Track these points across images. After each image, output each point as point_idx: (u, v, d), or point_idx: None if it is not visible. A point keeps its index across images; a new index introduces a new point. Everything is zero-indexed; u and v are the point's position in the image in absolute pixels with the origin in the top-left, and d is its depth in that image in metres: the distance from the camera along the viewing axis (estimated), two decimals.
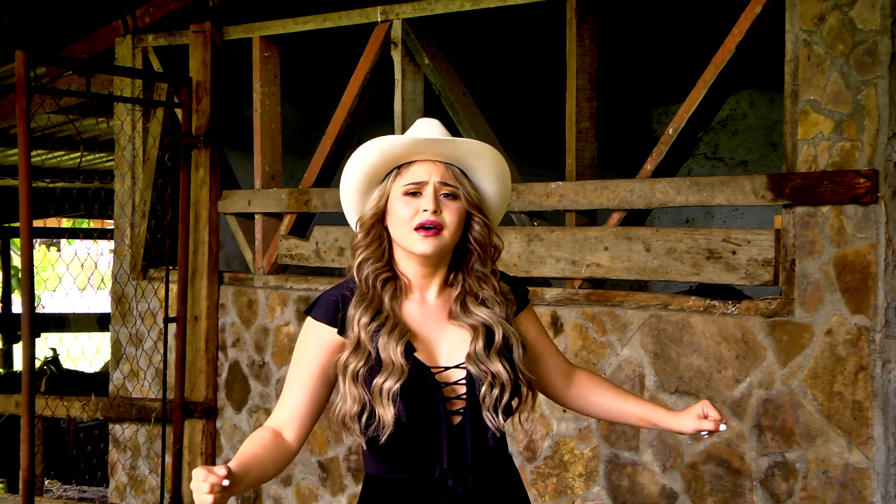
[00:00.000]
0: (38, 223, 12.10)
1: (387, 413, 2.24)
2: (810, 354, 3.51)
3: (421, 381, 2.28)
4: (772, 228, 3.65)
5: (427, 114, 4.91)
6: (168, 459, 5.69)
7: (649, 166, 4.08)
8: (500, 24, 5.75)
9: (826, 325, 3.47)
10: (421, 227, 2.29)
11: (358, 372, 2.27)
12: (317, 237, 5.25)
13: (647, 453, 3.96)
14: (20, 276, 5.04)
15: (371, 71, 5.05)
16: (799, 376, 3.54)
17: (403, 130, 4.85)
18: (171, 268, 5.71)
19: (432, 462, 2.30)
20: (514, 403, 2.39)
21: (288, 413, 2.34)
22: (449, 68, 4.80)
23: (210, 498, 2.02)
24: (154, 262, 6.18)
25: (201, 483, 2.03)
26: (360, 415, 2.28)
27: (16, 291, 13.07)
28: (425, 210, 2.29)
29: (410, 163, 2.34)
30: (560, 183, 4.28)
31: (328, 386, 2.36)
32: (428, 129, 2.38)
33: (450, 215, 2.32)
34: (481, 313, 2.35)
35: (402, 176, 2.34)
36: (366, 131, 6.79)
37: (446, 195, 2.32)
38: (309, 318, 2.38)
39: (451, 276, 2.41)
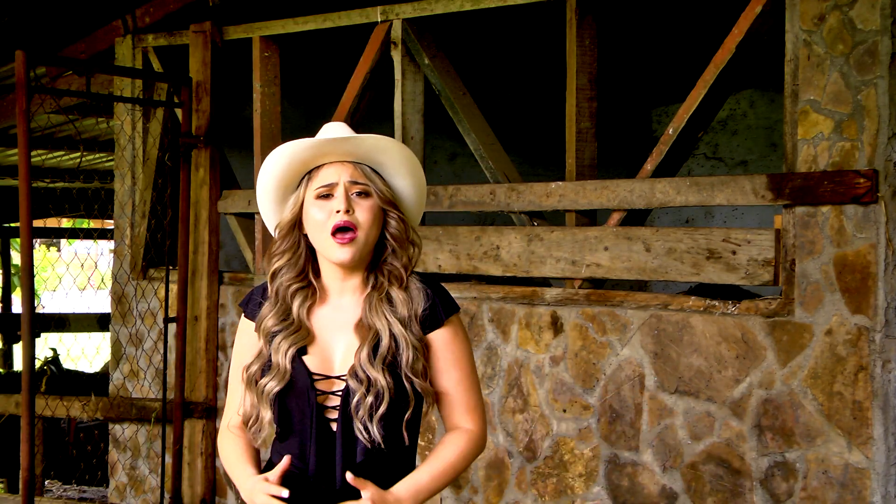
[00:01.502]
0: (38, 223, 12.09)
1: (265, 414, 2.30)
2: (810, 354, 3.51)
3: (299, 387, 2.30)
4: (772, 228, 3.65)
5: (427, 114, 4.92)
6: (168, 459, 5.69)
7: (649, 166, 4.08)
8: (500, 24, 5.75)
9: (826, 325, 3.47)
10: (337, 232, 2.29)
11: (252, 375, 2.34)
12: None
13: (647, 453, 3.96)
14: (20, 275, 5.04)
15: (371, 71, 5.05)
16: (799, 376, 3.54)
17: (404, 131, 4.85)
18: (171, 268, 5.71)
19: (305, 466, 2.32)
20: (404, 414, 2.31)
21: (241, 413, 2.41)
22: (449, 68, 4.80)
23: None
24: (154, 262, 6.18)
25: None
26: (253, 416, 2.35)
27: (16, 291, 13.07)
28: (338, 211, 2.29)
29: (320, 167, 2.35)
30: (560, 183, 4.28)
31: None
32: (333, 129, 2.39)
33: (363, 213, 2.31)
34: (380, 316, 2.32)
35: (313, 180, 2.34)
36: (366, 131, 6.81)
37: (358, 194, 2.33)
38: (243, 314, 2.46)
39: (368, 276, 2.39)
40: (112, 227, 6.84)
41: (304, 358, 2.32)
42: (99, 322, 11.26)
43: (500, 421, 4.42)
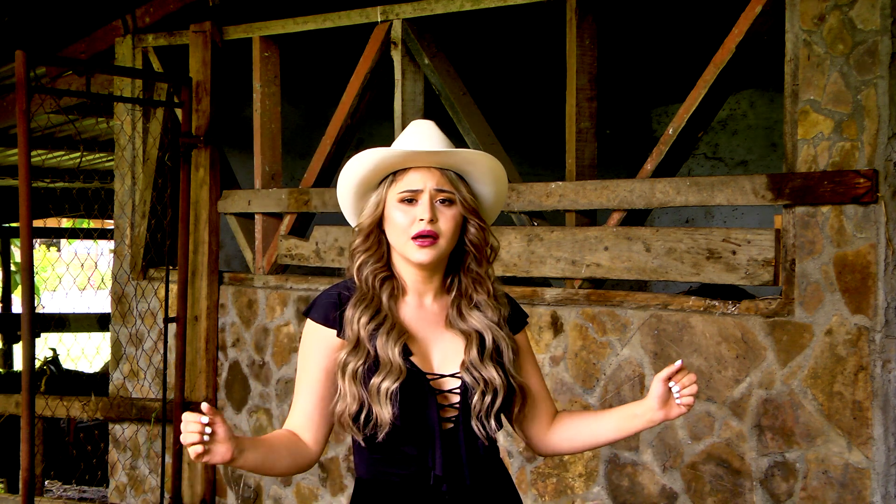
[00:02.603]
0: (38, 223, 12.10)
1: (384, 412, 2.25)
2: (810, 354, 3.51)
3: (417, 384, 2.29)
4: (772, 228, 3.65)
5: (427, 114, 4.91)
6: (168, 459, 5.69)
7: (649, 166, 4.08)
8: (500, 24, 5.75)
9: (826, 325, 3.47)
10: (417, 237, 2.30)
11: (357, 370, 2.28)
12: (317, 237, 5.25)
13: (647, 453, 3.96)
14: (20, 275, 5.04)
15: (371, 71, 5.05)
16: (799, 376, 3.54)
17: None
18: (171, 268, 5.71)
19: (423, 467, 2.30)
20: (510, 410, 2.40)
21: (300, 420, 2.36)
22: (449, 68, 4.80)
23: (194, 437, 2.07)
24: (154, 262, 6.18)
25: (189, 424, 2.08)
26: (358, 414, 2.29)
27: (16, 291, 13.07)
28: (421, 219, 2.29)
29: (405, 169, 2.34)
30: (560, 183, 4.28)
31: (336, 386, 2.34)
32: (422, 133, 2.37)
33: (446, 222, 2.32)
34: (474, 318, 2.36)
35: (398, 183, 2.33)
36: (366, 131, 6.82)
37: (442, 201, 2.32)
38: (308, 320, 2.39)
39: (449, 280, 2.41)
40: (112, 227, 6.85)
41: (411, 357, 2.32)
42: (99, 322, 11.26)
43: None
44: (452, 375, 2.33)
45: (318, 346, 2.36)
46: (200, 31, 5.72)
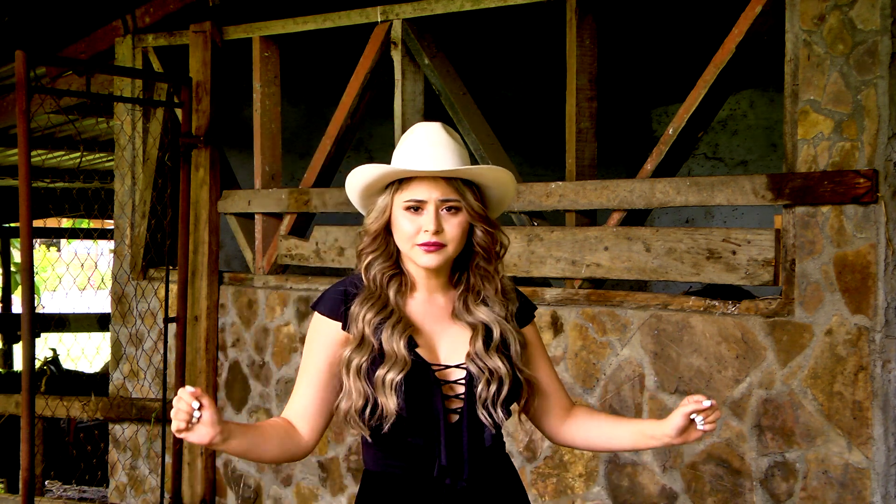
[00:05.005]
0: (38, 223, 12.09)
1: (389, 403, 2.27)
2: (810, 354, 3.51)
3: (421, 375, 2.31)
4: (772, 228, 3.65)
5: (427, 114, 4.91)
6: (168, 459, 5.69)
7: (649, 166, 4.08)
8: (500, 24, 5.76)
9: (826, 325, 3.47)
10: (423, 244, 2.32)
11: (361, 366, 2.31)
12: (317, 237, 5.25)
13: (647, 453, 3.96)
14: (20, 275, 5.04)
15: (371, 71, 5.05)
16: (799, 376, 3.54)
17: (403, 132, 4.85)
18: (171, 268, 5.71)
19: (429, 458, 2.33)
20: (517, 401, 2.42)
21: (298, 409, 2.39)
22: (449, 68, 4.80)
23: (182, 416, 2.12)
24: (154, 262, 6.18)
25: (181, 402, 2.12)
26: (363, 408, 2.31)
27: (16, 291, 13.07)
28: (426, 230, 2.31)
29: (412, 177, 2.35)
30: (560, 183, 4.28)
31: (338, 380, 2.38)
32: (428, 140, 2.36)
33: (452, 230, 2.34)
34: (481, 312, 2.39)
35: (403, 192, 2.35)
36: (366, 131, 6.82)
37: (448, 209, 2.34)
38: (315, 313, 2.42)
39: (457, 275, 2.44)
40: (112, 227, 6.85)
41: (417, 349, 2.34)
42: (99, 322, 11.27)
43: None
44: (458, 366, 2.35)
45: (323, 338, 2.39)
46: (200, 31, 5.72)
